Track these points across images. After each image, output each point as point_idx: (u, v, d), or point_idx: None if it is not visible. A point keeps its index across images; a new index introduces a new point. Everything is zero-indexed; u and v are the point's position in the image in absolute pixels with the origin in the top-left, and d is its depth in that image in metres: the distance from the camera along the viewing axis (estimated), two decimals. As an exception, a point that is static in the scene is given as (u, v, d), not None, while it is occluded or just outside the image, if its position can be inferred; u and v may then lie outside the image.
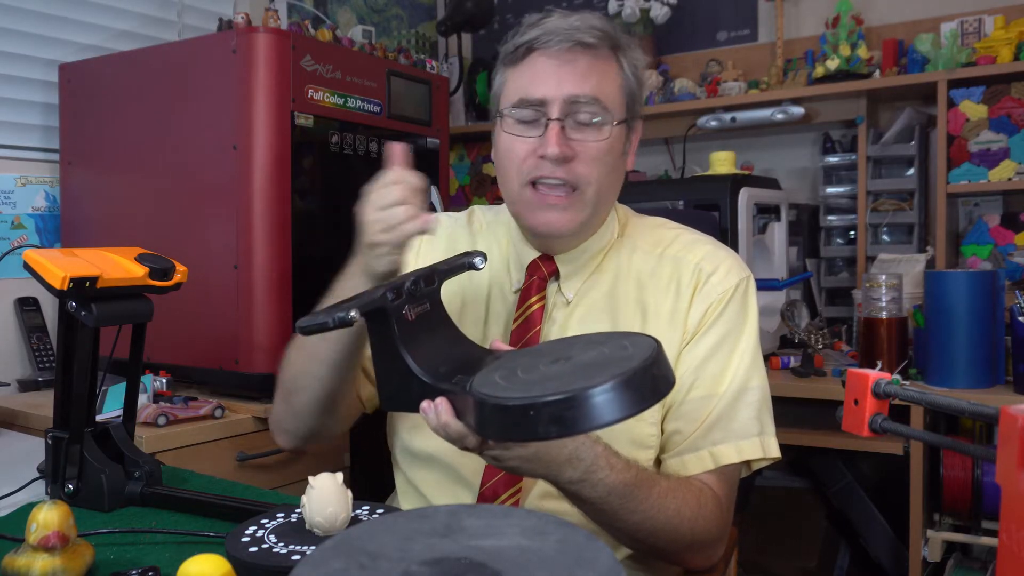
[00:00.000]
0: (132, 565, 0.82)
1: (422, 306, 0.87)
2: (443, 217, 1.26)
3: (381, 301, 0.83)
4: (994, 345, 1.82)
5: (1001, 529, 0.51)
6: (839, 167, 2.54)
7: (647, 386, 0.70)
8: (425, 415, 0.81)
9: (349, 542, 0.51)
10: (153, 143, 1.78)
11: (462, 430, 0.80)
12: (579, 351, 0.79)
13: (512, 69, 1.06)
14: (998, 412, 0.53)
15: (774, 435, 1.08)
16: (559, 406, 0.69)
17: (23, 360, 1.96)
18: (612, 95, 1.04)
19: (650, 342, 0.76)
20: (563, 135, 1.01)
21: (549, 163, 1.02)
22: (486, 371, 0.81)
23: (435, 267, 0.92)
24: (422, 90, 2.01)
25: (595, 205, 1.06)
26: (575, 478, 0.88)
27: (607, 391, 0.68)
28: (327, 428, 1.15)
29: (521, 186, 1.05)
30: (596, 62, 1.03)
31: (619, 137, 1.06)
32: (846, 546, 2.30)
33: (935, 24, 2.35)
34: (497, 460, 0.85)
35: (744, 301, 1.09)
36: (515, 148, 1.05)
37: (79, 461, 1.00)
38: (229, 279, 1.63)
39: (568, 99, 1.01)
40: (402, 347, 0.83)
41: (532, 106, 1.03)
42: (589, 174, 1.03)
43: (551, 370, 0.76)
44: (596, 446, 0.89)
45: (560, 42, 1.01)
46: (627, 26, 2.76)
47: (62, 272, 0.92)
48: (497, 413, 0.72)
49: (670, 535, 0.97)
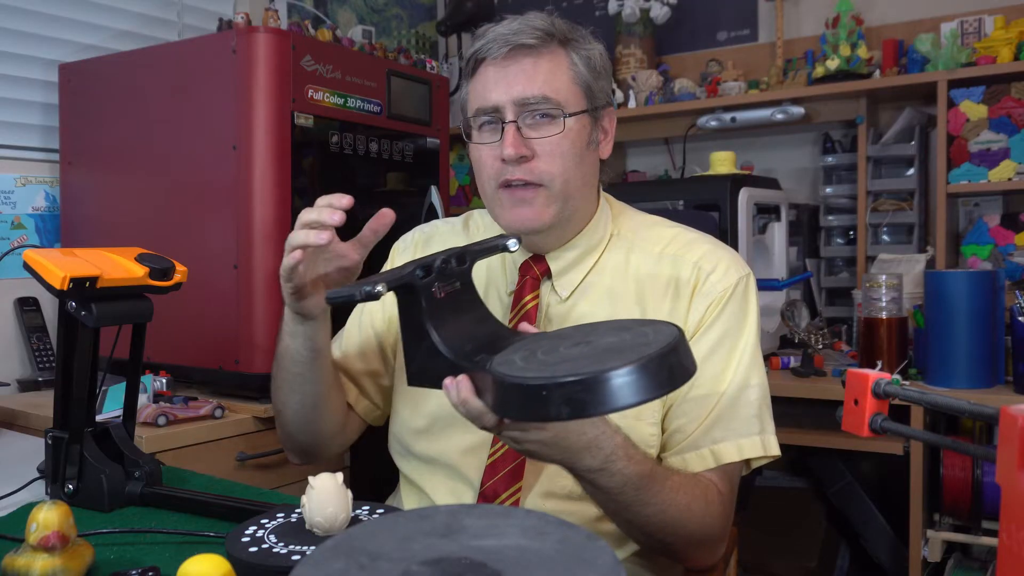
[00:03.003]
0: (132, 565, 0.82)
1: (452, 285, 0.89)
2: (439, 224, 1.29)
3: (410, 277, 0.84)
4: (994, 345, 1.82)
5: (1001, 529, 0.51)
6: (839, 167, 2.54)
7: (664, 373, 0.71)
8: (447, 391, 0.83)
9: (349, 542, 0.51)
10: (153, 143, 1.78)
11: (481, 408, 0.80)
12: (601, 335, 0.80)
13: (469, 82, 1.10)
14: (998, 412, 0.53)
15: (774, 433, 1.09)
16: (573, 387, 0.69)
17: (23, 360, 1.96)
18: (563, 89, 1.05)
19: (672, 330, 0.76)
20: (519, 136, 1.04)
21: (510, 165, 1.04)
22: (508, 351, 0.82)
23: (468, 247, 0.93)
24: (422, 90, 2.01)
25: (565, 198, 1.07)
26: (593, 467, 0.88)
27: (622, 375, 0.69)
28: (322, 441, 1.20)
29: (494, 190, 1.08)
30: (540, 61, 1.05)
31: (579, 129, 1.07)
32: (846, 546, 2.30)
33: (935, 24, 2.35)
34: (515, 442, 0.85)
35: (744, 299, 1.10)
36: (483, 156, 1.08)
37: (79, 461, 1.00)
38: (229, 279, 1.63)
39: (518, 101, 1.04)
40: (429, 323, 0.84)
41: (488, 113, 1.06)
42: (551, 170, 1.05)
43: (571, 352, 0.77)
44: (616, 436, 0.89)
45: (500, 48, 1.04)
46: (627, 26, 2.77)
47: (62, 272, 0.92)
48: (513, 392, 0.74)
49: (680, 530, 0.98)
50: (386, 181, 1.92)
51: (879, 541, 2.16)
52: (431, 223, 1.30)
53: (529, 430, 0.83)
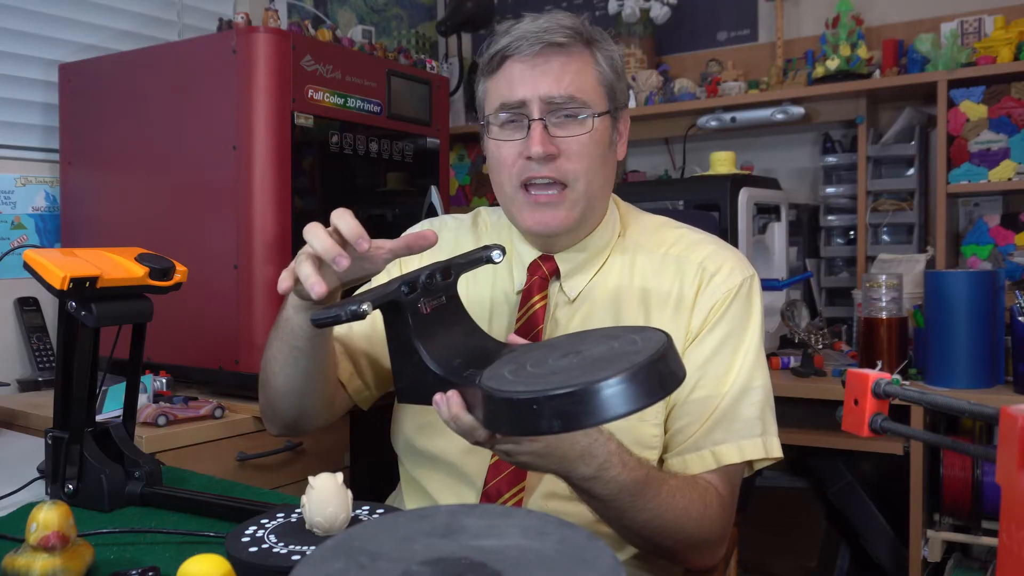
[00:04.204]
0: (132, 565, 0.82)
1: (438, 299, 0.88)
2: (448, 220, 1.27)
3: (395, 295, 0.83)
4: (994, 345, 1.82)
5: (1001, 529, 0.51)
6: (839, 167, 2.54)
7: (654, 381, 0.70)
8: (437, 407, 0.82)
9: (349, 542, 0.51)
10: (153, 143, 1.78)
11: (472, 423, 0.80)
12: (590, 345, 0.79)
13: (490, 78, 1.09)
14: (998, 412, 0.53)
15: (776, 435, 1.08)
16: (564, 400, 0.69)
17: (23, 360, 1.96)
18: (590, 89, 1.05)
19: (660, 336, 0.76)
20: (546, 134, 1.03)
21: (536, 163, 1.03)
22: (497, 364, 0.81)
23: (452, 261, 0.93)
24: (422, 90, 2.01)
25: (587, 200, 1.06)
26: (588, 475, 0.87)
27: (612, 386, 0.68)
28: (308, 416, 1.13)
29: (514, 189, 1.06)
30: (569, 60, 1.04)
31: (603, 129, 1.07)
32: (846, 546, 2.30)
33: (935, 24, 2.35)
34: (508, 455, 0.85)
35: (748, 300, 1.09)
36: (503, 153, 1.06)
37: (79, 461, 1.00)
38: (229, 279, 1.63)
39: (545, 98, 1.03)
40: (416, 340, 0.83)
41: (512, 109, 1.05)
42: (576, 169, 1.04)
43: (560, 364, 0.76)
44: (610, 443, 0.89)
45: (531, 45, 1.04)
46: (627, 26, 2.77)
47: (62, 272, 0.92)
48: (503, 407, 0.73)
49: (677, 534, 0.97)
50: (386, 181, 1.92)
51: (879, 541, 2.16)
52: (439, 217, 1.29)
53: (522, 442, 0.83)
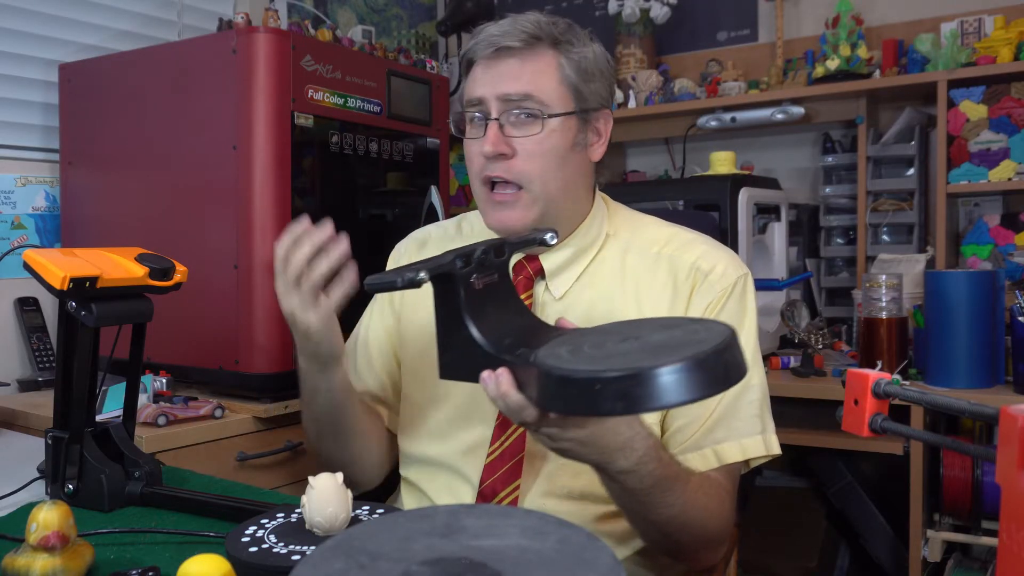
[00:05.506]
0: (132, 565, 0.82)
1: (490, 277, 0.87)
2: (432, 230, 1.29)
3: (450, 267, 0.83)
4: (994, 345, 1.82)
5: (1001, 529, 0.51)
6: (839, 167, 2.54)
7: (719, 370, 0.69)
8: (485, 384, 0.81)
9: (349, 542, 0.51)
10: (153, 143, 1.78)
11: (522, 402, 0.79)
12: (649, 332, 0.78)
13: (464, 82, 1.11)
14: (998, 412, 0.53)
15: (774, 432, 1.09)
16: (627, 382, 0.68)
17: (23, 360, 1.96)
18: (548, 90, 1.05)
19: (724, 328, 0.74)
20: (500, 133, 1.04)
21: (490, 162, 1.04)
22: (551, 345, 0.80)
23: (506, 239, 0.93)
24: (422, 90, 2.01)
25: (546, 200, 1.06)
26: (626, 468, 0.87)
27: (677, 371, 0.67)
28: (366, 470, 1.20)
29: (479, 187, 1.08)
30: (526, 62, 1.05)
31: (563, 131, 1.06)
32: (846, 546, 2.30)
33: (935, 24, 2.35)
34: (551, 439, 0.84)
35: (742, 298, 1.10)
36: (470, 150, 1.08)
37: (79, 461, 1.00)
38: (229, 279, 1.63)
39: (502, 97, 1.04)
40: (467, 314, 0.82)
41: (473, 107, 1.06)
42: (530, 170, 1.04)
43: (620, 348, 0.75)
44: (649, 438, 0.89)
45: (486, 48, 1.05)
46: (627, 26, 2.77)
47: (62, 272, 0.92)
48: (562, 384, 0.72)
49: (696, 529, 0.98)
50: (386, 181, 1.92)
51: (879, 541, 2.16)
52: (424, 228, 1.31)
53: (568, 428, 0.81)
